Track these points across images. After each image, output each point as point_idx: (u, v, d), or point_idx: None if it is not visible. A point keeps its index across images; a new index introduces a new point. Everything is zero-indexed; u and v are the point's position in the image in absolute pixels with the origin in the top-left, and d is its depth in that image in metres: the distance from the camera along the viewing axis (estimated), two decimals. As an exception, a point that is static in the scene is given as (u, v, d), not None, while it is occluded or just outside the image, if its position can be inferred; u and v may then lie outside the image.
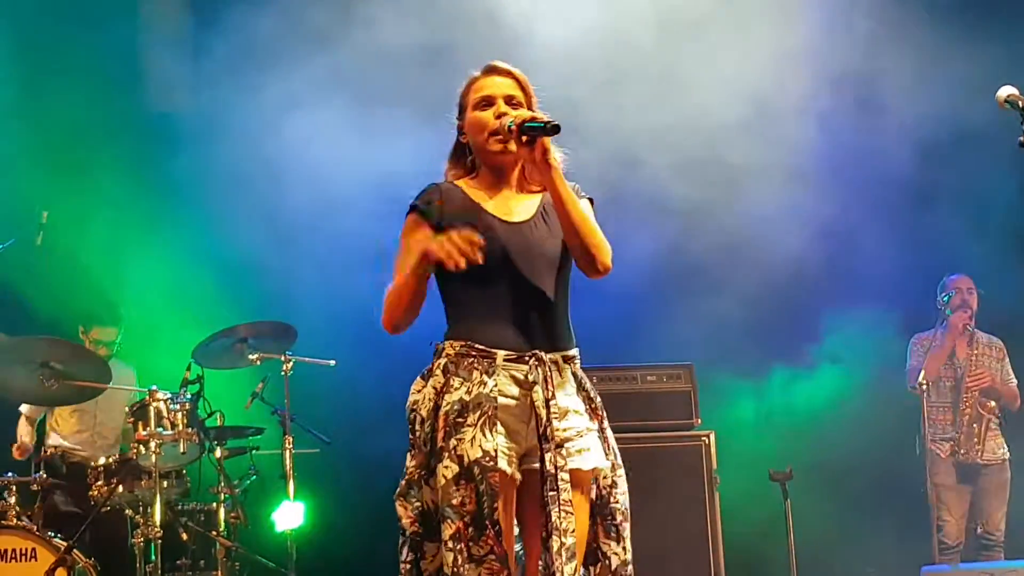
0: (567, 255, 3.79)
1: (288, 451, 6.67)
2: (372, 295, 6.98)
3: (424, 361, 4.15)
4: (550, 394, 3.63)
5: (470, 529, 3.55)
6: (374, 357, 7.22)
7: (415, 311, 3.70)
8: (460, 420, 3.58)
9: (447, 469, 3.55)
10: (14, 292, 7.12)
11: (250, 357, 6.78)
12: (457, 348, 3.67)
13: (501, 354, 3.65)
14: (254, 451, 7.00)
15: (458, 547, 3.54)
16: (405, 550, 3.69)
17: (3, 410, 7.01)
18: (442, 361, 3.67)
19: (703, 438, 6.51)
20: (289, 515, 6.66)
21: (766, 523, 6.84)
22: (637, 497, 6.16)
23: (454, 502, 3.55)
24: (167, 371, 6.94)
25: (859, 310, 8.02)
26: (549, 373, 3.65)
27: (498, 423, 3.59)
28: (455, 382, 3.62)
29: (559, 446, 3.61)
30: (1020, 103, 4.03)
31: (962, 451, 7.35)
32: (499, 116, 3.73)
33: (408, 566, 3.69)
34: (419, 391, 3.69)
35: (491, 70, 3.89)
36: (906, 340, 7.73)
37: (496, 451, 3.56)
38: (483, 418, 3.58)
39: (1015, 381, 7.54)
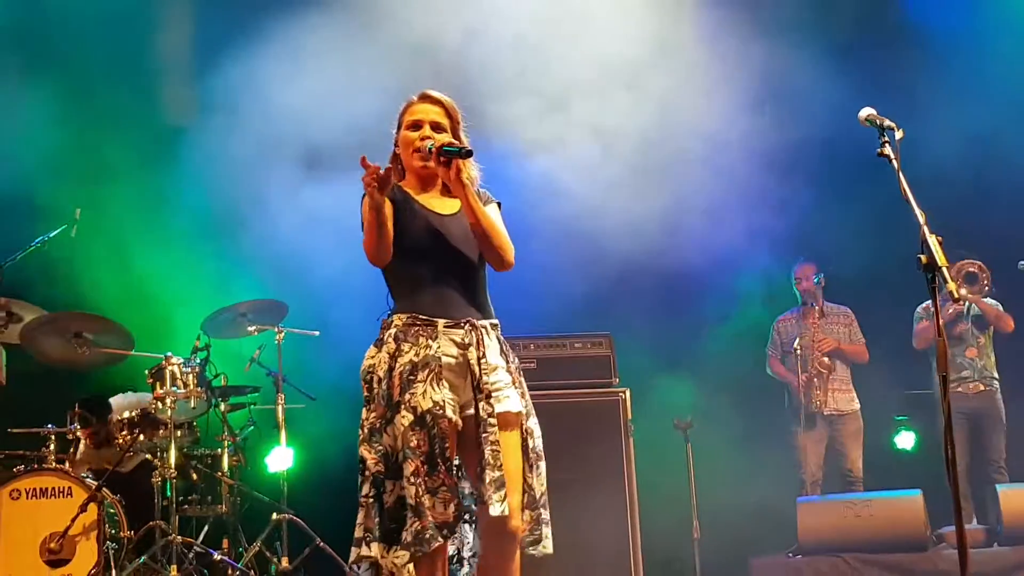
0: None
1: (280, 406, 6.78)
2: (348, 279, 7.20)
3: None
4: (481, 353, 3.88)
5: (425, 467, 3.76)
6: (350, 329, 7.34)
7: (385, 242, 3.84)
8: (412, 378, 3.81)
9: (404, 418, 3.78)
10: (52, 275, 7.10)
11: (248, 329, 6.86)
12: (404, 319, 3.91)
13: (441, 322, 3.90)
14: (252, 406, 7.05)
15: (417, 481, 3.75)
16: (367, 486, 3.86)
17: (43, 372, 6.94)
18: (392, 331, 3.90)
19: (620, 394, 6.59)
20: (281, 458, 6.78)
21: (671, 463, 6.89)
22: (568, 441, 6.45)
23: (412, 444, 3.76)
24: (180, 341, 6.94)
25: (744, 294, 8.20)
26: (480, 337, 3.90)
27: (443, 379, 3.83)
28: (405, 347, 3.86)
29: (488, 396, 3.85)
30: (877, 121, 4.22)
31: (814, 404, 7.56)
32: (423, 139, 3.94)
33: (370, 499, 3.85)
34: (373, 357, 3.96)
35: (424, 97, 4.09)
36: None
37: (444, 402, 3.80)
38: (431, 375, 3.82)
39: (863, 340, 7.71)
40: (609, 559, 6.42)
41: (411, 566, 3.77)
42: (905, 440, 8.51)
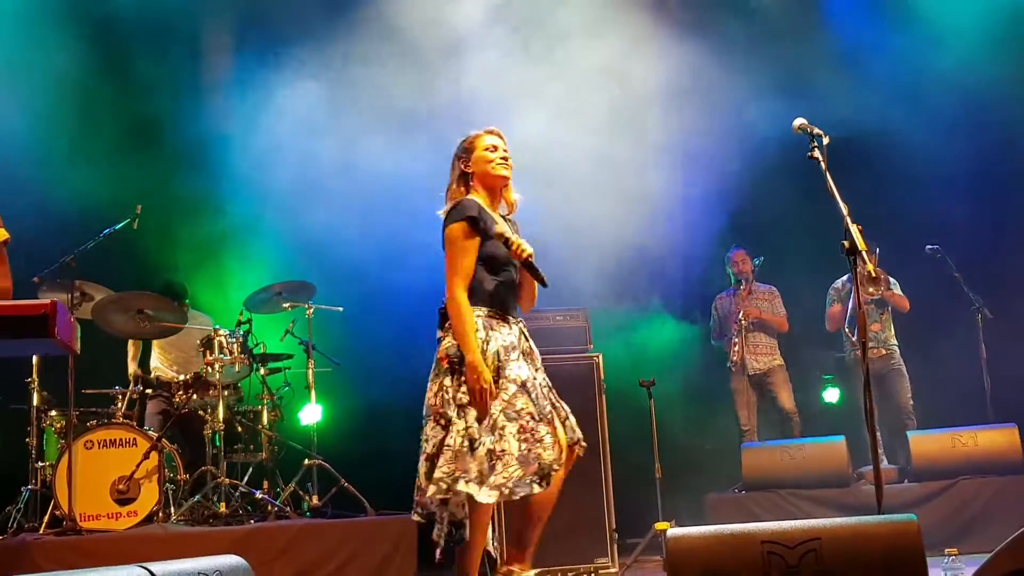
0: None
1: (310, 370, 6.80)
2: (372, 261, 7.21)
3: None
4: (530, 340, 4.19)
5: (531, 424, 3.97)
6: (371, 305, 7.42)
7: None
8: (507, 357, 4.07)
9: (506, 388, 4.01)
10: (117, 261, 7.10)
11: (283, 305, 6.88)
12: (486, 312, 4.13)
13: (510, 318, 4.19)
14: (287, 370, 7.05)
15: (524, 436, 3.96)
16: (457, 439, 4.01)
17: (113, 343, 7.00)
18: (479, 321, 4.08)
19: (594, 359, 6.62)
20: (312, 414, 6.80)
21: (637, 416, 6.85)
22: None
23: (518, 407, 3.99)
24: (228, 316, 7.02)
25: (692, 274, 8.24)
26: (523, 328, 4.20)
27: (523, 356, 4.07)
28: (493, 334, 4.09)
29: (543, 370, 4.21)
30: (808, 129, 4.32)
31: (738, 363, 7.66)
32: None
33: (463, 449, 4.00)
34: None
35: (492, 131, 4.35)
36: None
37: (532, 375, 4.06)
38: (519, 353, 4.13)
39: (784, 313, 7.76)
40: (587, 491, 6.47)
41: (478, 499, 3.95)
42: (831, 395, 8.63)
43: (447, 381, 4.06)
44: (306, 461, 6.61)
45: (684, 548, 3.21)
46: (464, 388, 3.99)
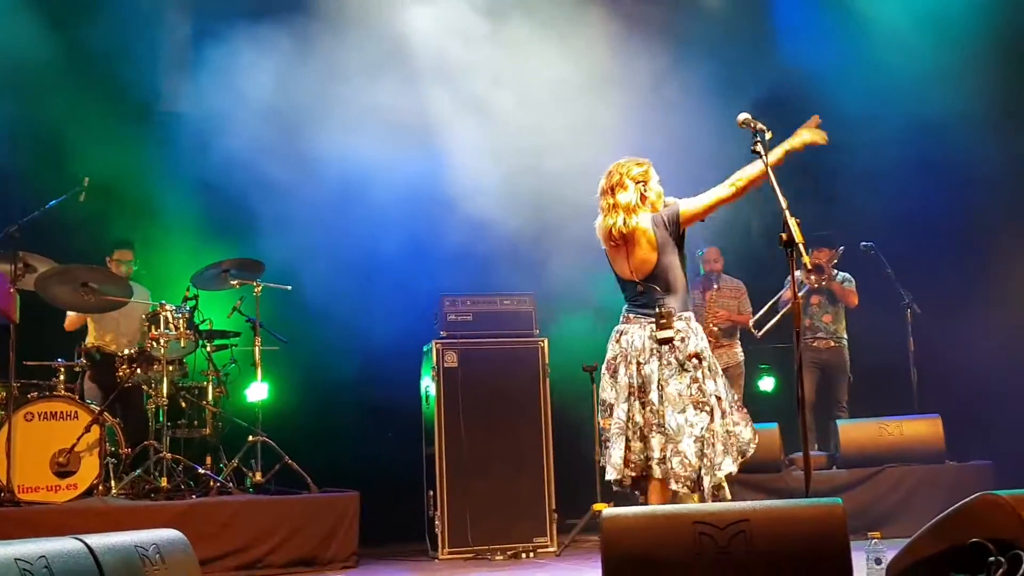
0: None
1: (257, 348, 6.74)
2: (322, 240, 7.18)
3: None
4: None
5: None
6: (319, 284, 7.40)
7: None
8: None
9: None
10: (63, 233, 6.98)
11: (231, 282, 6.80)
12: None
13: None
14: (234, 347, 7.00)
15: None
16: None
17: (55, 315, 6.93)
18: (697, 324, 4.46)
19: (540, 343, 6.73)
20: (258, 391, 6.77)
21: (579, 398, 6.99)
22: (497, 380, 6.57)
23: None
24: (174, 291, 6.94)
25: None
26: None
27: None
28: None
29: None
30: (752, 124, 4.38)
31: None
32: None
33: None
34: (700, 340, 4.44)
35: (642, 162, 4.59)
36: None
37: None
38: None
39: (749, 310, 7.76)
40: (529, 471, 6.59)
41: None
42: (766, 383, 8.78)
43: (698, 375, 4.31)
44: (250, 438, 6.59)
45: (618, 528, 3.27)
46: (712, 378, 4.35)
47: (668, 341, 4.31)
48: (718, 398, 4.30)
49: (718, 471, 4.25)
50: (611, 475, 4.36)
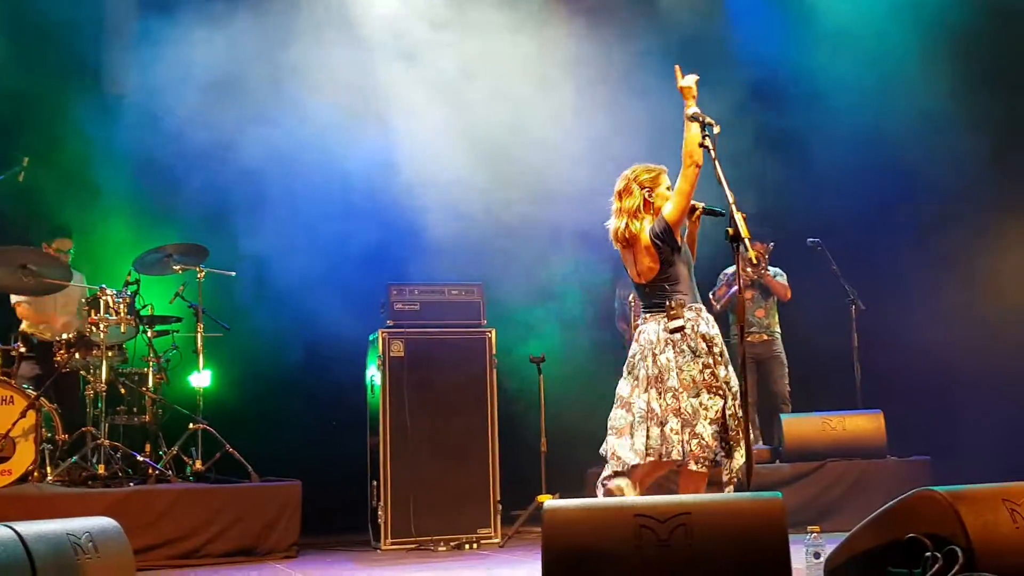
0: None
1: (199, 334, 6.65)
2: (267, 227, 7.09)
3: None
4: None
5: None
6: (264, 271, 7.31)
7: None
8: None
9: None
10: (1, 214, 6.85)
11: (174, 268, 6.70)
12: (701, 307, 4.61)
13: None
14: (175, 333, 6.90)
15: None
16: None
17: None
18: (706, 314, 4.62)
19: (487, 333, 6.69)
20: (200, 378, 6.67)
21: (526, 389, 7.04)
22: (444, 371, 6.54)
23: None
24: (115, 276, 6.79)
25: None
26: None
27: None
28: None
29: None
30: (700, 118, 4.42)
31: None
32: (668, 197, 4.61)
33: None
34: (708, 327, 4.57)
35: (665, 172, 4.70)
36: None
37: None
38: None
39: None
40: (474, 462, 6.57)
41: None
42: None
43: (708, 360, 4.48)
44: (191, 425, 6.50)
45: (559, 520, 3.26)
46: (723, 365, 4.50)
47: (680, 330, 4.50)
48: (728, 384, 4.49)
49: (736, 453, 4.45)
50: (633, 460, 4.48)
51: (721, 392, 4.47)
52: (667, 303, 4.53)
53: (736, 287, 4.36)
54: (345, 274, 7.34)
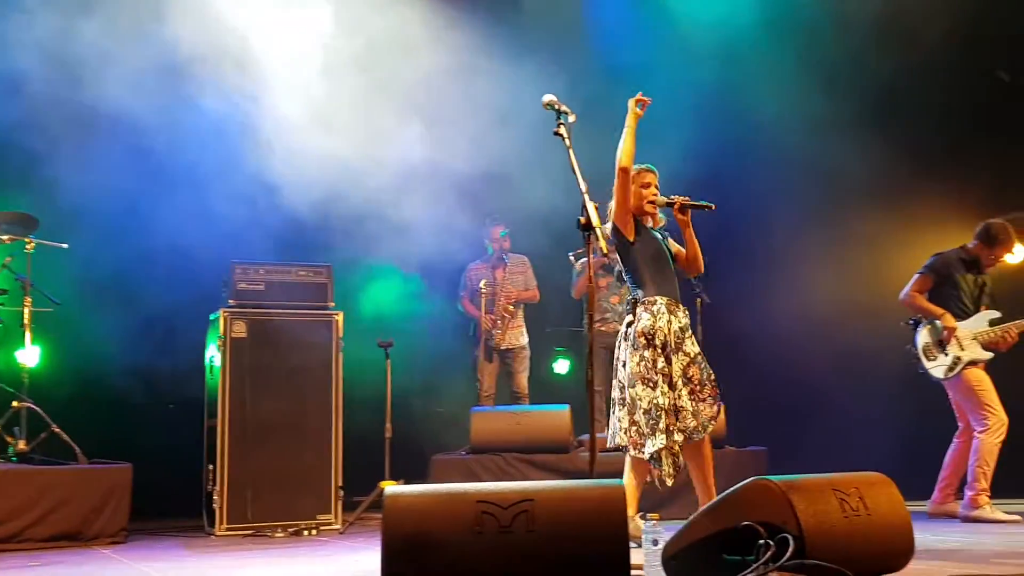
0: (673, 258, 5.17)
1: (27, 309, 6.29)
2: (104, 197, 6.75)
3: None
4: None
5: (696, 388, 4.93)
6: (100, 244, 6.96)
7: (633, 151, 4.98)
8: (682, 336, 4.97)
9: (682, 360, 4.94)
10: None
11: (1, 238, 6.31)
12: (666, 301, 5.00)
13: (680, 306, 5.07)
14: (0, 307, 6.46)
15: (694, 397, 4.90)
16: (647, 402, 4.88)
17: None
18: (661, 306, 4.96)
19: (334, 316, 6.58)
20: (28, 355, 6.33)
21: (373, 374, 6.90)
22: (289, 354, 6.38)
23: (689, 375, 4.92)
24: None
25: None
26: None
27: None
28: (672, 318, 4.97)
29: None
30: (556, 106, 4.44)
31: (495, 340, 7.78)
32: (655, 196, 5.17)
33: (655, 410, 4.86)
34: (652, 320, 4.92)
35: (648, 170, 5.16)
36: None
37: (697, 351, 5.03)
38: (688, 334, 5.02)
39: (535, 284, 7.89)
40: (316, 447, 6.46)
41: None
42: (561, 366, 8.91)
43: (647, 354, 4.88)
44: (14, 403, 6.17)
45: (399, 506, 3.20)
46: (661, 360, 4.86)
47: (631, 324, 5.00)
48: (665, 375, 4.86)
49: (653, 441, 4.84)
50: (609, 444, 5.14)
51: (653, 383, 4.84)
52: (630, 298, 5.07)
53: (592, 277, 4.36)
54: (186, 251, 7.05)
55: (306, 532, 6.23)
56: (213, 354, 6.52)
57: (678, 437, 4.86)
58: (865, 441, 7.68)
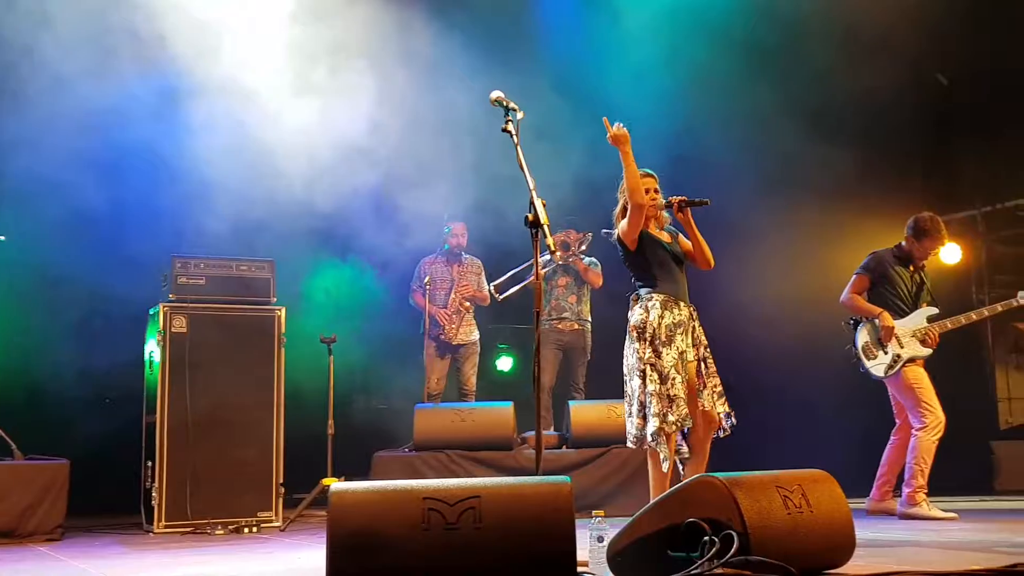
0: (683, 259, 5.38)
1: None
2: (45, 188, 6.60)
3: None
4: (697, 320, 5.31)
5: (684, 382, 5.08)
6: (35, 236, 6.81)
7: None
8: (672, 331, 5.13)
9: (670, 354, 5.08)
10: None
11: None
12: (663, 297, 5.19)
13: (681, 303, 5.24)
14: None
15: (684, 389, 5.05)
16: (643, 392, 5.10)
17: None
18: (655, 302, 5.16)
19: (276, 312, 6.52)
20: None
21: (316, 370, 6.87)
22: (230, 348, 6.31)
23: (677, 368, 5.06)
24: None
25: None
26: (692, 311, 5.30)
27: (686, 333, 5.19)
28: (666, 313, 5.15)
29: (705, 346, 5.30)
30: (504, 102, 4.42)
31: (448, 335, 7.74)
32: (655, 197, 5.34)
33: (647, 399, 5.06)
34: (645, 315, 5.16)
35: (648, 174, 5.33)
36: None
37: (688, 347, 5.18)
38: (682, 330, 5.17)
39: (487, 287, 7.80)
40: (257, 444, 6.40)
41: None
42: (504, 363, 8.91)
43: (638, 346, 5.13)
44: (-55, 399, 6.01)
45: (346, 503, 3.18)
46: (650, 351, 5.08)
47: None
48: (652, 365, 5.08)
49: (649, 425, 5.04)
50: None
51: (640, 373, 5.09)
52: (630, 295, 5.33)
53: (539, 274, 4.35)
54: (124, 244, 6.92)
55: (246, 529, 6.15)
56: (152, 349, 6.40)
57: (672, 418, 5.01)
58: (816, 438, 7.82)
